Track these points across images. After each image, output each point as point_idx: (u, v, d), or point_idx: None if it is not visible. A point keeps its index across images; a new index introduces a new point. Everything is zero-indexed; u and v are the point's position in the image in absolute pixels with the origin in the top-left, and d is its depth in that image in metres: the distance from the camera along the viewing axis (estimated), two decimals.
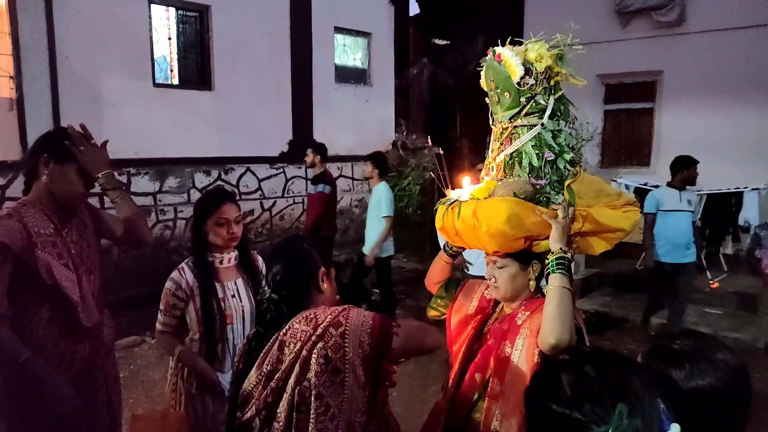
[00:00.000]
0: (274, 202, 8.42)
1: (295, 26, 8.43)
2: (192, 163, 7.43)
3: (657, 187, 7.31)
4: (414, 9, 10.40)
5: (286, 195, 8.56)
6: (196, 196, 7.46)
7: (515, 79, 1.65)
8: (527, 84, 1.66)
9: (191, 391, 2.38)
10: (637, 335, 5.91)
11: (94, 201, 6.49)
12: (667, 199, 5.46)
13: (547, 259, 1.60)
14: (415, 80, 10.45)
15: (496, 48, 1.70)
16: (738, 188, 7.10)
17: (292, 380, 1.47)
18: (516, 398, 1.60)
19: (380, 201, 5.75)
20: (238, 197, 7.60)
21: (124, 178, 6.82)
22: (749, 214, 7.02)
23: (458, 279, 2.05)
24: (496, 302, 1.86)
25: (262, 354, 1.55)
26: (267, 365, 1.51)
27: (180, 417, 2.29)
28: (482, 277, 1.89)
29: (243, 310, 2.46)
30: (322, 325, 1.48)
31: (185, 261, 2.49)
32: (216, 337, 2.38)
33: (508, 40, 1.72)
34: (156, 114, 7.05)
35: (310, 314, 1.52)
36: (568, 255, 1.58)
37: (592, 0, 8.25)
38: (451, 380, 1.85)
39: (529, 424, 0.98)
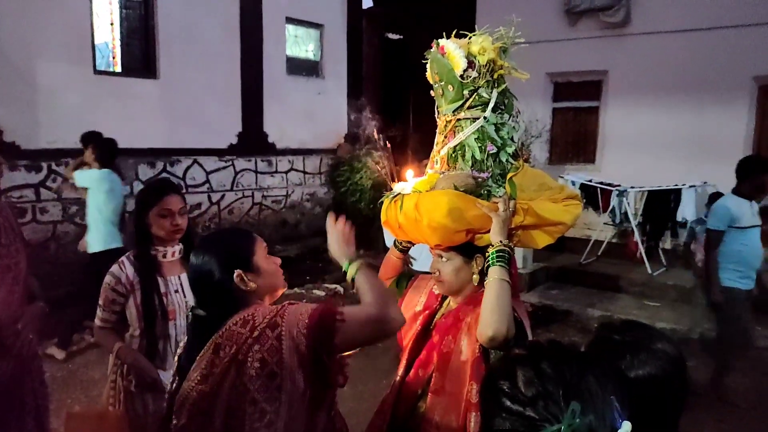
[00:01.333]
0: (223, 195, 8.23)
1: (246, 15, 8.23)
2: (135, 155, 7.16)
3: (603, 183, 7.56)
4: (367, 2, 10.34)
5: (235, 188, 8.38)
6: (138, 188, 7.18)
7: (458, 71, 1.64)
8: (470, 77, 1.65)
9: (130, 389, 2.30)
10: (580, 327, 6.08)
11: (29, 192, 6.21)
12: (743, 212, 4.29)
13: (488, 252, 1.60)
14: (368, 74, 10.40)
15: (440, 41, 1.69)
16: (677, 185, 7.39)
17: (227, 384, 1.40)
18: (456, 393, 1.60)
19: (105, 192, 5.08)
20: (184, 190, 7.38)
21: (62, 169, 6.51)
22: (686, 210, 7.31)
23: (410, 275, 2.04)
24: (444, 297, 1.86)
25: (198, 358, 1.47)
26: (203, 369, 1.44)
27: (118, 415, 2.21)
28: (428, 273, 1.88)
29: (186, 306, 2.38)
30: (258, 327, 1.40)
31: (126, 255, 2.40)
32: (157, 333, 2.30)
33: (453, 33, 1.71)
34: (97, 102, 6.75)
35: (248, 315, 1.44)
36: (508, 248, 1.58)
37: None
38: (398, 375, 1.84)
39: (484, 418, 0.97)
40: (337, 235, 1.64)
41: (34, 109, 6.17)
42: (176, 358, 1.60)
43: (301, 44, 9.41)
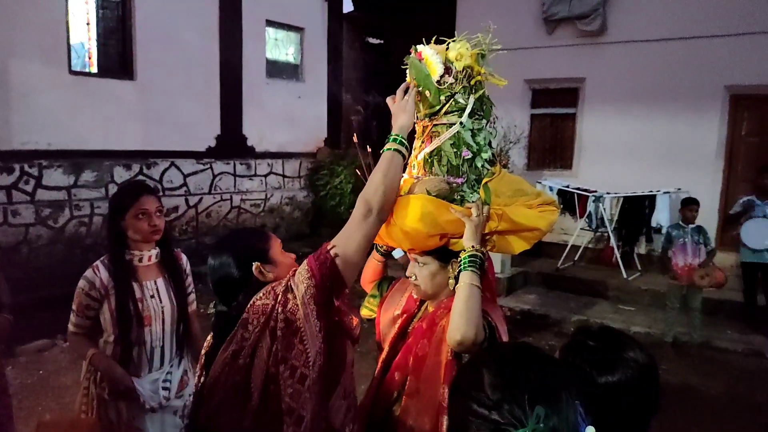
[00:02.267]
0: (201, 198, 8.14)
1: (225, 17, 8.18)
2: (111, 157, 7.06)
3: (580, 189, 7.66)
4: (348, 6, 10.34)
5: (213, 192, 8.30)
6: (114, 190, 7.09)
7: (435, 77, 1.65)
8: (447, 83, 1.66)
9: (104, 397, 2.26)
10: (557, 331, 6.13)
11: (1, 195, 6.07)
12: None
13: (460, 256, 1.61)
14: (349, 78, 10.40)
15: (418, 46, 1.69)
16: (651, 191, 7.52)
17: (259, 353, 1.46)
18: (429, 396, 1.60)
19: None
20: (161, 193, 7.29)
21: (35, 171, 6.39)
22: (661, 216, 7.45)
23: (391, 278, 2.05)
24: (423, 301, 1.86)
25: (227, 339, 1.51)
26: (234, 346, 1.49)
27: (91, 423, 2.17)
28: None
29: (163, 311, 2.35)
30: (280, 293, 1.48)
31: (100, 259, 2.36)
32: (132, 339, 2.27)
33: (433, 39, 1.72)
34: (72, 103, 6.64)
35: (269, 288, 1.52)
36: (480, 253, 1.60)
37: (521, 7, 8.51)
38: (374, 378, 1.84)
39: (451, 421, 0.97)
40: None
41: (6, 110, 6.04)
42: (204, 354, 1.65)
43: (281, 47, 9.38)
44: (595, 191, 7.64)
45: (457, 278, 1.75)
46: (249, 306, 1.51)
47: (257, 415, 1.45)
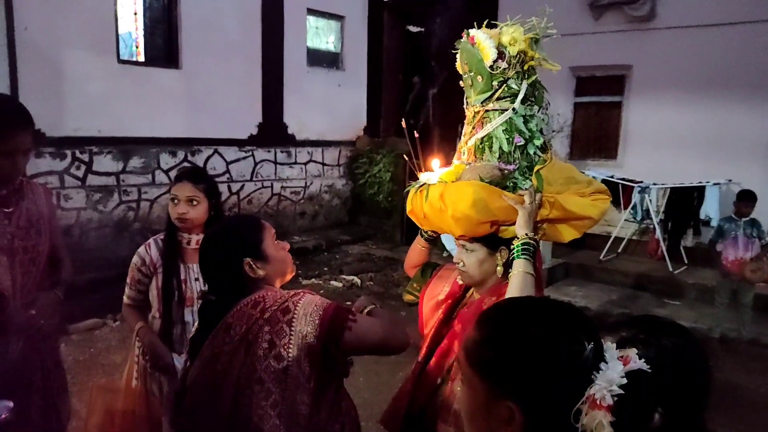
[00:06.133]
0: (242, 185, 8.28)
1: (267, 6, 8.25)
2: (157, 144, 7.24)
3: (625, 179, 7.47)
4: None
5: (254, 179, 8.43)
6: (160, 177, 7.28)
7: (488, 62, 1.63)
8: (500, 68, 1.64)
9: (147, 369, 2.34)
10: (599, 324, 6.01)
11: (54, 179, 6.31)
12: None
13: (513, 244, 1.60)
14: (389, 66, 10.36)
15: (470, 30, 1.67)
16: (700, 183, 7.28)
17: (236, 363, 1.44)
18: None
19: None
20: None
21: (86, 157, 6.61)
22: (710, 208, 7.21)
23: (434, 264, 2.04)
24: (467, 288, 1.85)
25: (209, 337, 1.51)
26: (214, 348, 1.48)
27: (137, 392, 2.27)
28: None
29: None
30: (269, 309, 1.45)
31: (155, 236, 2.44)
32: (173, 317, 2.33)
33: (485, 23, 1.69)
34: (120, 91, 6.83)
35: (259, 297, 1.49)
36: (534, 241, 1.57)
37: None
38: (417, 364, 1.84)
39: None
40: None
41: (59, 98, 6.25)
42: (189, 339, 1.65)
43: (321, 36, 9.41)
44: (641, 182, 7.44)
45: (505, 265, 1.74)
46: (235, 309, 1.49)
47: (229, 420, 1.44)
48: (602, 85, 8.59)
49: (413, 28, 11.06)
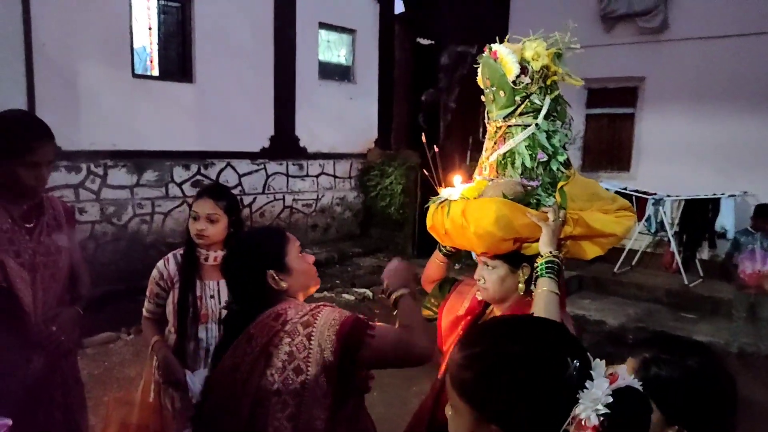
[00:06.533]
0: (255, 198, 8.31)
1: (279, 20, 8.32)
2: (171, 157, 7.29)
3: (638, 191, 7.41)
4: (399, 7, 10.34)
5: (266, 192, 8.46)
6: (174, 190, 7.32)
7: (510, 77, 1.62)
8: (522, 83, 1.63)
9: (161, 383, 2.34)
10: (614, 338, 5.95)
11: (69, 192, 6.36)
12: None
13: (537, 262, 1.57)
14: (400, 79, 10.40)
15: (492, 45, 1.67)
16: (715, 195, 7.20)
17: (256, 373, 1.44)
18: None
19: None
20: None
21: (100, 170, 6.66)
22: (725, 220, 7.13)
23: (453, 279, 2.02)
24: (487, 304, 1.83)
25: (231, 347, 1.51)
26: (235, 358, 1.48)
27: (152, 406, 2.27)
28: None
29: (220, 312, 2.38)
30: (290, 322, 1.44)
31: (175, 251, 2.44)
32: (187, 333, 2.32)
33: (506, 38, 1.69)
34: (135, 105, 6.89)
35: (281, 309, 1.49)
36: (558, 259, 1.55)
37: (577, 4, 8.30)
38: (437, 380, 1.82)
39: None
40: None
41: (74, 111, 6.32)
42: (214, 349, 1.66)
43: (333, 49, 9.46)
44: (655, 193, 7.37)
45: (527, 282, 1.71)
46: (258, 321, 1.49)
47: (247, 429, 1.44)
48: (614, 97, 8.56)
49: (424, 41, 11.12)
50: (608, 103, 8.62)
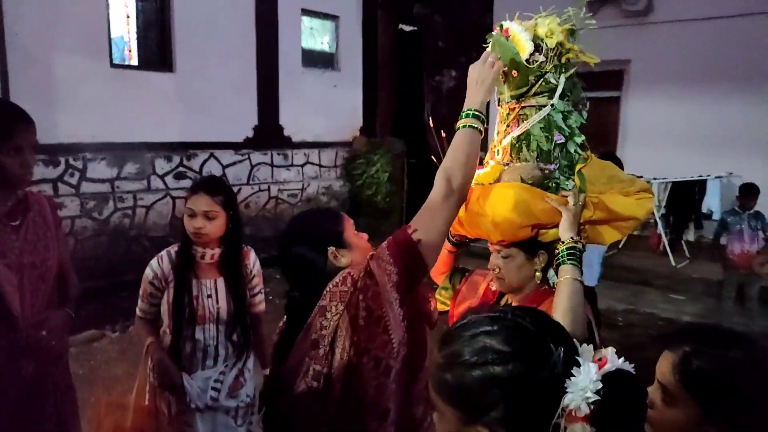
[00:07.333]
0: (239, 189, 8.14)
1: (261, 6, 8.12)
2: (152, 149, 7.10)
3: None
4: None
5: (251, 182, 8.31)
6: (156, 182, 7.15)
7: (524, 55, 1.54)
8: (537, 61, 1.55)
9: (156, 386, 2.24)
10: (606, 322, 5.95)
11: (47, 187, 6.17)
12: None
13: (557, 248, 1.51)
14: (384, 66, 10.27)
15: (503, 22, 1.58)
16: (701, 176, 7.25)
17: (339, 342, 1.38)
18: None
19: None
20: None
21: (79, 164, 6.46)
22: (711, 201, 7.20)
23: (463, 270, 1.95)
24: (501, 294, 1.76)
25: (304, 328, 1.45)
26: (312, 336, 1.42)
27: (146, 410, 2.19)
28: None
29: (218, 312, 2.27)
30: (359, 279, 1.40)
31: (169, 248, 2.32)
32: (183, 334, 2.22)
33: (516, 15, 1.61)
34: (114, 96, 6.68)
35: (345, 273, 1.43)
36: (580, 245, 1.49)
37: None
38: None
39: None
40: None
41: (51, 104, 6.11)
42: (274, 343, 1.59)
43: (316, 36, 9.30)
44: (641, 177, 7.36)
45: (544, 270, 1.65)
46: (326, 292, 1.43)
47: (340, 406, 1.39)
48: (600, 81, 8.52)
49: (406, 27, 11.00)
50: (593, 86, 8.53)
